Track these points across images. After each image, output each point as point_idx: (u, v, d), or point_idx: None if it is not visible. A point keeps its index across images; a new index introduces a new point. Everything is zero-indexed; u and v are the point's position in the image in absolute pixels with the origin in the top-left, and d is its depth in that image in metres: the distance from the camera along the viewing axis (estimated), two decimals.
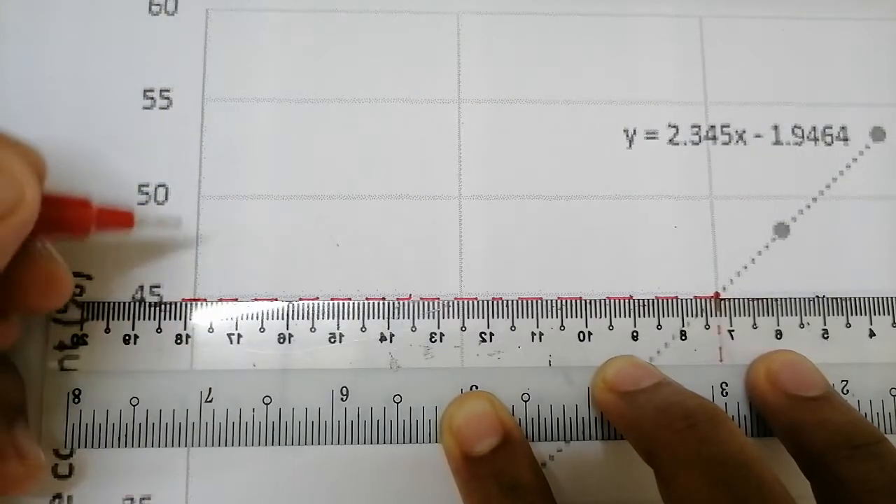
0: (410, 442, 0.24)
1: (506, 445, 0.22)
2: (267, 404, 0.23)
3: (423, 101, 0.26)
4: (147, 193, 0.25)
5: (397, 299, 0.25)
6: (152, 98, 0.25)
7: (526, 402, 0.24)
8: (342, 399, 0.24)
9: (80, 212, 0.21)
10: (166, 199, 0.25)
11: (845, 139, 0.26)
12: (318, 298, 0.25)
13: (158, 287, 0.24)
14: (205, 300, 0.24)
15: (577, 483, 0.24)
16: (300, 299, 0.24)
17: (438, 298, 0.25)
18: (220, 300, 0.24)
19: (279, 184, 0.25)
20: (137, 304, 0.24)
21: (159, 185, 0.25)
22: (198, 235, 0.25)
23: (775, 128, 0.26)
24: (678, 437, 0.20)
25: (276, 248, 0.25)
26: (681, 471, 0.19)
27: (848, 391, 0.24)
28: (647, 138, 0.26)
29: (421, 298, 0.25)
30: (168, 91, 0.26)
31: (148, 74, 0.26)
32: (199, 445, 0.23)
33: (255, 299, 0.24)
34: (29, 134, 0.25)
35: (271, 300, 0.24)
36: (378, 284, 0.25)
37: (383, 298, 0.25)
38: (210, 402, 0.23)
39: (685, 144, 0.26)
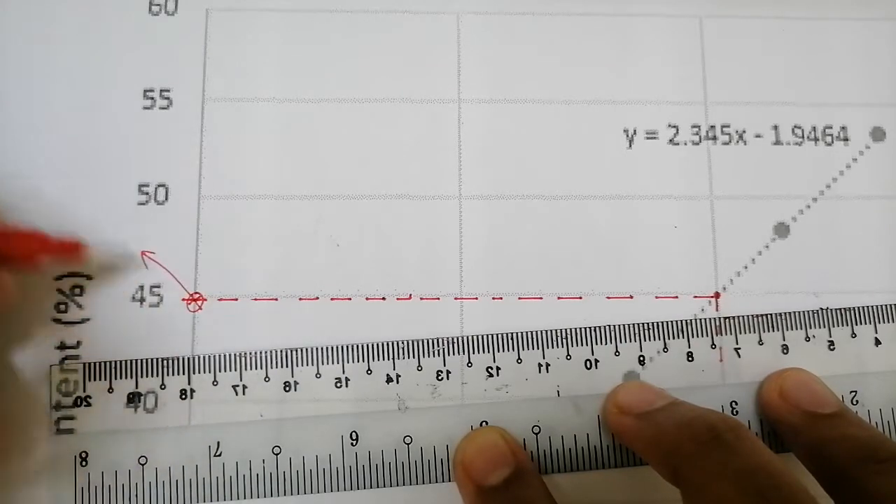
0: (424, 483, 0.23)
1: (518, 476, 0.22)
2: (276, 454, 0.23)
3: (423, 101, 0.26)
4: (147, 193, 0.25)
5: (397, 299, 0.25)
6: (152, 98, 0.25)
7: (537, 434, 0.24)
8: (352, 444, 0.23)
9: (34, 245, 0.21)
10: (166, 199, 0.25)
11: (845, 139, 0.26)
12: (318, 298, 0.25)
13: (158, 287, 0.24)
14: (204, 299, 0.24)
15: None
16: (300, 299, 0.25)
17: (439, 299, 0.25)
18: (220, 300, 0.24)
19: (279, 184, 0.25)
20: (140, 362, 0.24)
21: (159, 185, 0.25)
22: (198, 235, 0.25)
23: (775, 128, 0.26)
24: (704, 450, 0.20)
25: (276, 248, 0.25)
26: (711, 483, 0.19)
27: (857, 402, 0.24)
28: (647, 138, 0.26)
29: (421, 298, 0.25)
30: (168, 91, 0.26)
31: (148, 74, 0.26)
32: (211, 501, 0.23)
33: (255, 299, 0.24)
34: (29, 134, 0.25)
35: (271, 300, 0.24)
36: (378, 284, 0.25)
37: (383, 298, 0.25)
38: (219, 456, 0.23)
39: (685, 144, 0.26)
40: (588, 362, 0.24)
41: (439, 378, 0.24)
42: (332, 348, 0.24)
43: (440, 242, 0.25)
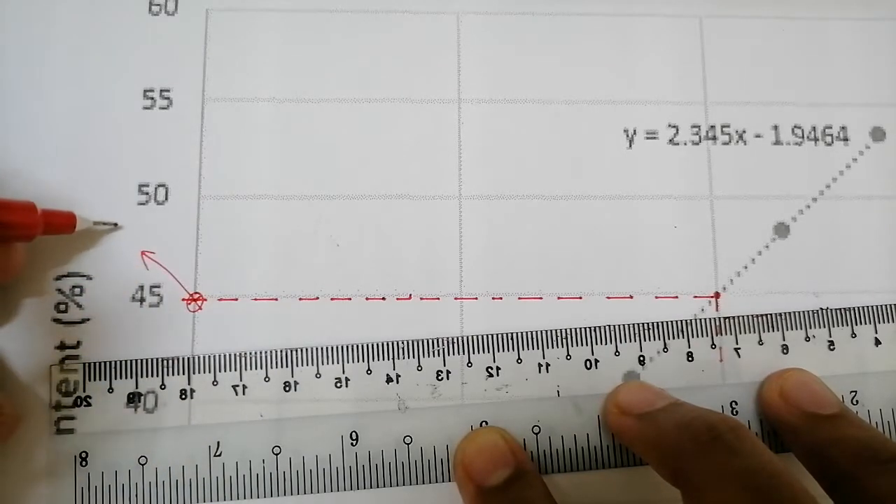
0: (424, 483, 0.23)
1: (519, 477, 0.22)
2: (276, 454, 0.23)
3: (423, 101, 0.26)
4: (147, 193, 0.25)
5: (397, 299, 0.25)
6: (152, 98, 0.25)
7: (537, 434, 0.24)
8: (352, 444, 0.23)
9: (28, 216, 0.22)
10: (166, 199, 0.25)
11: (845, 139, 0.26)
12: (318, 298, 0.25)
13: (158, 287, 0.24)
14: (204, 299, 0.24)
15: None
16: (300, 299, 0.25)
17: (439, 299, 0.25)
18: (220, 300, 0.24)
19: (279, 184, 0.25)
20: (140, 362, 0.24)
21: (159, 185, 0.25)
22: (198, 235, 0.25)
23: (775, 128, 0.26)
24: (705, 450, 0.20)
25: (276, 248, 0.25)
26: (711, 483, 0.19)
27: (857, 402, 0.24)
28: (647, 138, 0.26)
29: (421, 298, 0.25)
30: (168, 91, 0.26)
31: (148, 74, 0.26)
32: (211, 501, 0.23)
33: (256, 299, 0.24)
34: (29, 133, 0.25)
35: (271, 300, 0.24)
36: (378, 284, 0.25)
37: (383, 298, 0.25)
38: (219, 456, 0.23)
39: (685, 144, 0.26)
40: (588, 362, 0.24)
41: (439, 378, 0.24)
42: (332, 348, 0.24)
43: (440, 242, 0.25)
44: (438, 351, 0.24)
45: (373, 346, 0.24)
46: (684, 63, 0.27)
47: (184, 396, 0.23)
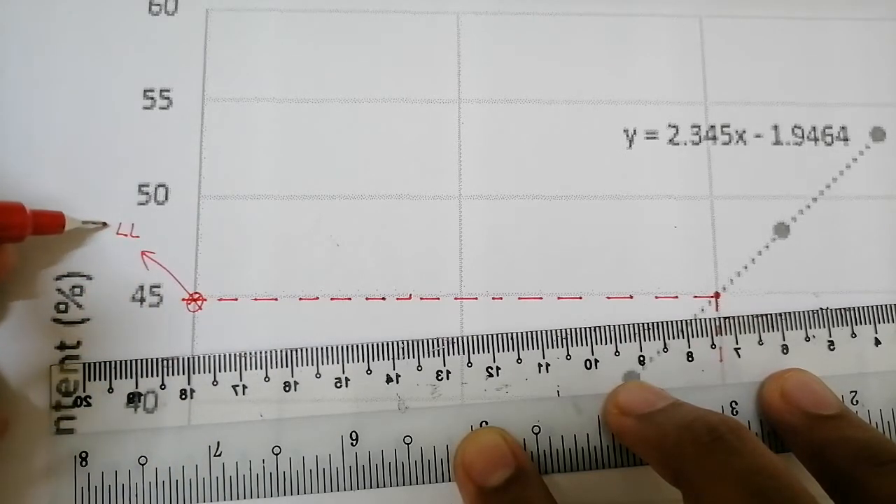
0: (424, 483, 0.23)
1: (519, 477, 0.22)
2: (276, 454, 0.23)
3: (423, 101, 0.26)
4: (147, 193, 0.25)
5: (397, 299, 0.25)
6: (152, 98, 0.25)
7: (537, 434, 0.24)
8: (352, 444, 0.23)
9: (17, 217, 0.22)
10: (166, 199, 0.25)
11: (845, 139, 0.26)
12: (318, 298, 0.25)
13: (158, 287, 0.24)
14: (204, 299, 0.24)
15: None
16: (300, 299, 0.25)
17: (439, 299, 0.25)
18: (220, 300, 0.24)
19: (279, 184, 0.25)
20: (140, 362, 0.24)
21: (159, 185, 0.25)
22: (198, 235, 0.25)
23: (775, 128, 0.26)
24: (706, 451, 0.20)
25: (276, 248, 0.25)
26: (712, 484, 0.19)
27: (857, 402, 0.24)
28: (647, 138, 0.26)
29: (421, 298, 0.25)
30: (168, 91, 0.26)
31: (148, 74, 0.26)
32: (211, 501, 0.23)
33: (255, 299, 0.24)
34: (29, 133, 0.25)
35: (271, 300, 0.24)
36: (378, 284, 0.25)
37: (383, 298, 0.25)
38: (219, 456, 0.23)
39: (685, 144, 0.26)
40: (588, 362, 0.24)
41: (439, 378, 0.24)
42: (332, 348, 0.24)
43: (440, 242, 0.25)
44: (438, 351, 0.24)
45: (373, 346, 0.24)
46: (684, 63, 0.27)
47: (184, 396, 0.23)
